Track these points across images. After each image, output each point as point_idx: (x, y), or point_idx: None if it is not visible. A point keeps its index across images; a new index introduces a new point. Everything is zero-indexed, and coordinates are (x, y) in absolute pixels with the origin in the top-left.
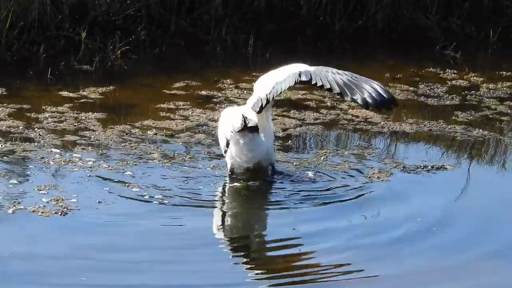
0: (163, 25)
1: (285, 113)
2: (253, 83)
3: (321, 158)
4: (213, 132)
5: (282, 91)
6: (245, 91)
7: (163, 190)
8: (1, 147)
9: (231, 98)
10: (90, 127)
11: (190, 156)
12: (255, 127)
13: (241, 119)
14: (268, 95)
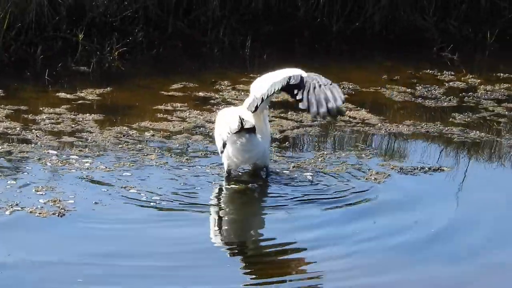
0: (161, 27)
1: (282, 115)
2: (250, 85)
3: (319, 160)
4: (210, 133)
5: (276, 90)
6: (242, 93)
7: (160, 191)
8: None
9: (228, 99)
10: (87, 129)
11: (187, 157)
12: (252, 128)
13: (238, 121)
14: (263, 95)
